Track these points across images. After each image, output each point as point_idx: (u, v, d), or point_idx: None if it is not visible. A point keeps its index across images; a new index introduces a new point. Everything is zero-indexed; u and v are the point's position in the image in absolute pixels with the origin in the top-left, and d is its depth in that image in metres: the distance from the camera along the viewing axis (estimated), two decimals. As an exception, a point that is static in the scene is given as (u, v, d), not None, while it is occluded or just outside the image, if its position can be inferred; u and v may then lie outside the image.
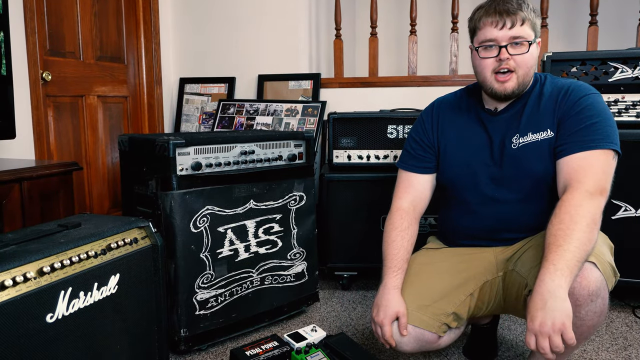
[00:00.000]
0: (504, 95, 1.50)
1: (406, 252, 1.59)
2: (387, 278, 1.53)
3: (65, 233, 1.42)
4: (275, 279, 2.03)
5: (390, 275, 1.54)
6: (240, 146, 1.92)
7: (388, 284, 1.52)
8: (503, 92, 1.48)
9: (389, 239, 1.60)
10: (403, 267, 1.56)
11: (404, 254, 1.58)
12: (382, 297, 1.51)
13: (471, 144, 1.60)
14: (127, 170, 1.96)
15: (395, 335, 1.47)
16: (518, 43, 1.44)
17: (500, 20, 1.43)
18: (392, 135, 2.40)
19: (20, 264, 1.19)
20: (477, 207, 1.60)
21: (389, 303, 1.48)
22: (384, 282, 1.53)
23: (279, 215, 2.03)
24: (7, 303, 1.13)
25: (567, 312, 1.18)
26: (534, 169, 1.51)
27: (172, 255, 1.74)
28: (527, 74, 1.48)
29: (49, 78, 2.50)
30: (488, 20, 1.45)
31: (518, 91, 1.49)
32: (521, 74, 1.47)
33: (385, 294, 1.51)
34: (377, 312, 1.49)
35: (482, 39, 1.47)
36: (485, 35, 1.46)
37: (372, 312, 1.52)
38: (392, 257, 1.57)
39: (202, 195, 1.80)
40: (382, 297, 1.51)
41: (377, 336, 1.50)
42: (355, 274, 2.41)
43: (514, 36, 1.43)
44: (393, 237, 1.60)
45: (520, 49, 1.44)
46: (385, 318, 1.46)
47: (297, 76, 3.14)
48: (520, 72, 1.46)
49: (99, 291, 1.37)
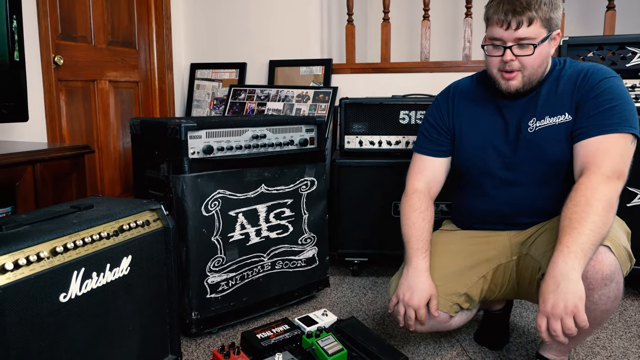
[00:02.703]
0: (508, 93, 1.48)
1: (428, 234, 1.58)
2: (416, 260, 1.52)
3: (78, 214, 1.42)
4: (286, 263, 2.03)
5: (419, 257, 1.52)
6: (251, 130, 1.91)
7: (419, 266, 1.51)
8: (507, 90, 1.47)
9: (410, 221, 1.58)
10: (428, 248, 1.55)
11: (427, 235, 1.57)
12: (413, 279, 1.49)
13: (486, 128, 1.59)
14: (139, 154, 1.97)
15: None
16: (523, 45, 1.41)
17: (505, 20, 1.39)
18: (404, 120, 2.38)
19: (33, 243, 1.20)
20: (491, 191, 1.58)
21: (424, 286, 1.47)
22: (414, 265, 1.51)
23: (290, 200, 2.02)
24: (21, 282, 1.14)
25: (580, 295, 1.17)
26: (550, 153, 1.49)
27: (184, 238, 1.75)
28: (534, 73, 1.45)
29: (61, 62, 2.50)
30: (495, 18, 1.42)
31: (524, 89, 1.48)
32: (527, 74, 1.45)
33: (418, 277, 1.49)
34: (410, 295, 1.47)
35: (490, 36, 1.46)
36: (492, 33, 1.44)
37: (401, 295, 1.49)
38: (417, 239, 1.55)
39: (213, 179, 1.80)
40: (414, 280, 1.49)
41: (407, 318, 1.47)
42: (366, 260, 2.41)
43: (519, 37, 1.40)
44: (414, 219, 1.58)
45: (525, 51, 1.41)
46: (421, 301, 1.45)
47: (309, 62, 3.12)
48: (525, 73, 1.44)
49: (112, 272, 1.38)
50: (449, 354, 1.72)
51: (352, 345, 1.60)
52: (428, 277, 1.50)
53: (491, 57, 1.47)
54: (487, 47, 1.48)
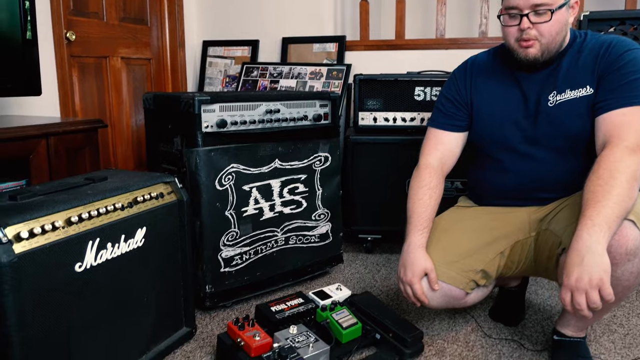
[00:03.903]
0: (527, 62, 1.45)
1: (432, 212, 1.56)
2: (412, 236, 1.50)
3: (92, 186, 1.42)
4: (300, 239, 2.02)
5: (416, 233, 1.51)
6: (265, 104, 1.89)
7: (413, 242, 1.49)
8: (525, 58, 1.44)
9: (416, 196, 1.56)
10: (429, 226, 1.53)
11: (430, 213, 1.55)
12: (407, 255, 1.48)
13: (505, 102, 1.56)
14: (152, 128, 1.95)
15: (426, 291, 1.45)
16: (540, 12, 1.37)
17: None
18: (419, 97, 2.35)
19: (48, 213, 1.19)
20: (510, 166, 1.56)
21: (416, 261, 1.46)
22: (409, 241, 1.50)
23: (304, 176, 2.00)
24: (37, 250, 1.14)
25: (605, 268, 1.14)
26: (571, 127, 1.46)
27: (198, 212, 1.74)
28: (551, 42, 1.42)
29: (73, 38, 2.48)
30: None
31: (543, 58, 1.44)
32: (544, 42, 1.41)
33: (411, 252, 1.48)
34: (404, 271, 1.47)
35: (507, 5, 1.42)
36: (508, 1, 1.41)
37: (398, 272, 1.50)
38: (418, 216, 1.53)
39: (227, 153, 1.78)
40: (408, 256, 1.48)
41: (407, 296, 1.48)
42: (379, 237, 2.39)
43: (535, 4, 1.36)
44: (420, 195, 1.56)
45: (542, 17, 1.38)
46: (414, 276, 1.44)
47: (322, 39, 3.07)
48: (543, 41, 1.41)
49: (126, 243, 1.38)
50: (463, 329, 1.71)
51: (366, 319, 1.59)
52: (422, 253, 1.47)
53: (508, 28, 1.44)
54: (504, 17, 1.45)
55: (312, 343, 1.43)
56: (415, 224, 1.52)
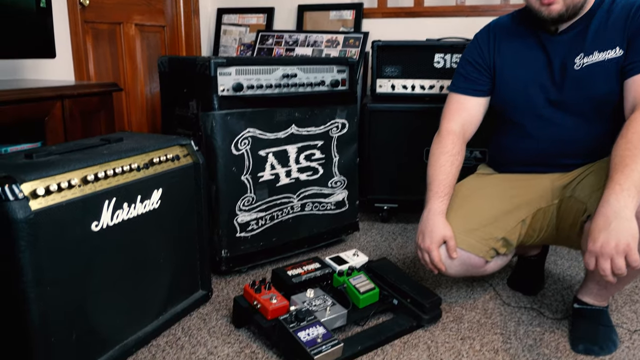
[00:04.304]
0: (551, 19, 1.39)
1: (453, 179, 1.53)
2: (432, 203, 1.47)
3: (108, 146, 1.41)
4: (316, 205, 2.00)
5: (436, 200, 1.48)
6: (282, 69, 1.85)
7: (433, 209, 1.46)
8: (549, 16, 1.38)
9: (437, 163, 1.53)
10: (449, 193, 1.50)
11: (451, 180, 1.52)
12: (426, 222, 1.46)
13: (529, 66, 1.51)
14: (167, 92, 1.93)
15: (444, 259, 1.43)
16: None
17: None
18: (439, 64, 2.29)
19: (64, 170, 1.18)
20: (534, 131, 1.51)
21: (435, 228, 1.43)
22: (429, 207, 1.47)
23: (320, 142, 1.97)
24: (52, 208, 1.13)
25: (633, 233, 1.11)
26: (598, 91, 1.41)
27: (213, 176, 1.72)
28: None
29: (87, 3, 2.45)
30: None
31: (568, 13, 1.38)
32: None
33: (430, 219, 1.45)
34: (422, 238, 1.45)
35: None
36: None
37: (416, 239, 1.47)
38: (439, 182, 1.50)
39: (243, 117, 1.76)
40: (427, 223, 1.45)
41: (425, 263, 1.46)
42: (396, 206, 2.36)
43: None
44: (442, 162, 1.52)
45: None
46: (432, 243, 1.41)
47: (339, 6, 3.01)
48: None
49: (142, 204, 1.37)
50: (481, 297, 1.69)
51: (383, 285, 1.57)
52: (441, 220, 1.44)
53: None
54: None
55: (330, 307, 1.42)
56: (436, 190, 1.49)
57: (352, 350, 1.34)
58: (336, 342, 1.28)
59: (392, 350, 1.40)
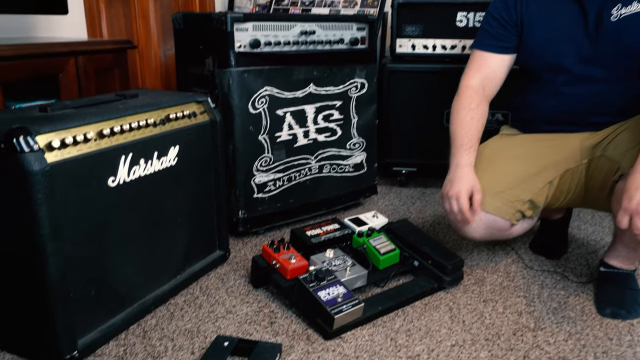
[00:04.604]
0: None
1: (477, 131, 1.46)
2: (460, 156, 1.42)
3: (124, 102, 1.37)
4: (334, 168, 1.96)
5: (463, 153, 1.42)
6: (300, 25, 1.79)
7: (461, 162, 1.41)
8: None
9: (458, 118, 1.47)
10: (475, 145, 1.44)
11: (475, 133, 1.46)
12: (455, 172, 1.40)
13: (561, 19, 1.43)
14: (182, 50, 1.88)
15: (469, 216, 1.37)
16: None
17: None
18: (461, 23, 2.21)
19: (79, 124, 1.15)
20: (563, 88, 1.45)
21: (464, 177, 1.37)
22: (456, 161, 1.42)
23: (339, 102, 1.92)
24: (68, 161, 1.10)
25: (672, 191, 1.06)
26: (637, 44, 1.33)
27: (231, 135, 1.68)
28: None
29: (99, -40, 2.38)
30: None
31: None
32: None
33: (459, 170, 1.39)
34: (450, 186, 1.38)
35: None
36: None
37: (443, 190, 1.40)
38: (462, 136, 1.44)
39: (260, 75, 1.71)
40: (456, 173, 1.39)
41: (450, 211, 1.37)
42: (414, 170, 2.31)
43: None
44: (462, 116, 1.47)
45: None
46: (461, 190, 1.34)
47: (357, -36, 2.90)
48: None
49: (159, 161, 1.34)
50: (503, 260, 1.65)
51: (404, 246, 1.54)
52: (470, 171, 1.39)
53: None
54: None
55: (350, 267, 1.39)
56: (461, 144, 1.43)
57: (373, 311, 1.32)
58: (357, 302, 1.26)
59: (412, 311, 1.37)
